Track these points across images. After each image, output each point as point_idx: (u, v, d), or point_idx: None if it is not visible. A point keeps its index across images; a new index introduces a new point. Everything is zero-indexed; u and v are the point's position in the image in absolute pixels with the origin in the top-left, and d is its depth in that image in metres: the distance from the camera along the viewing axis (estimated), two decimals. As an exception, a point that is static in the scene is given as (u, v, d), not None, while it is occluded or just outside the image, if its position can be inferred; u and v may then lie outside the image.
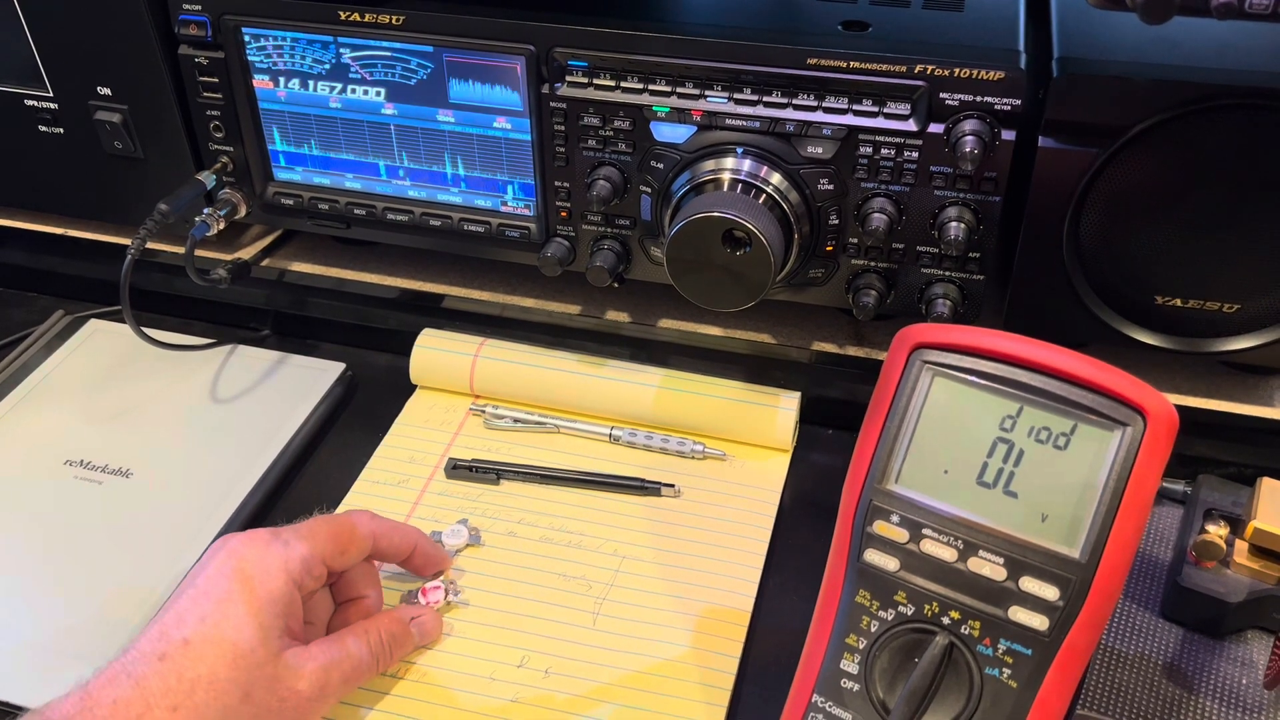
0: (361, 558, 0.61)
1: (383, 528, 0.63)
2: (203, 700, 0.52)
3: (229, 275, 0.81)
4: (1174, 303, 0.69)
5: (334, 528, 0.60)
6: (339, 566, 0.60)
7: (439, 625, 0.64)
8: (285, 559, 0.56)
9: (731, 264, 0.67)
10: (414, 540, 0.65)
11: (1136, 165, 0.65)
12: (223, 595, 0.54)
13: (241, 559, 0.55)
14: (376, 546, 0.62)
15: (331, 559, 0.59)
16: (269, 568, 0.55)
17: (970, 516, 0.49)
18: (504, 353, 0.80)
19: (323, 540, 0.58)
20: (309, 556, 0.57)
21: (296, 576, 0.56)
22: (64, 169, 0.86)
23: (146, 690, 0.51)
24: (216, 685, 0.52)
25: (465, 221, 0.78)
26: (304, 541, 0.57)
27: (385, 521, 0.63)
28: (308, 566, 0.57)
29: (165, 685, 0.51)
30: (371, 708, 0.61)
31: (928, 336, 0.51)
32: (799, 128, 0.68)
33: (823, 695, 0.52)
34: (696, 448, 0.76)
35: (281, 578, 0.55)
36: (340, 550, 0.59)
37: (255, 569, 0.55)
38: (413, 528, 0.66)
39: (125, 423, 0.79)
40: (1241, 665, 0.62)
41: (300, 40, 0.74)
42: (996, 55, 0.65)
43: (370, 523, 0.62)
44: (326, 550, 0.58)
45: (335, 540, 0.59)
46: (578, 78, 0.70)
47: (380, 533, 0.62)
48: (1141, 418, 0.47)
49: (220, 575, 0.55)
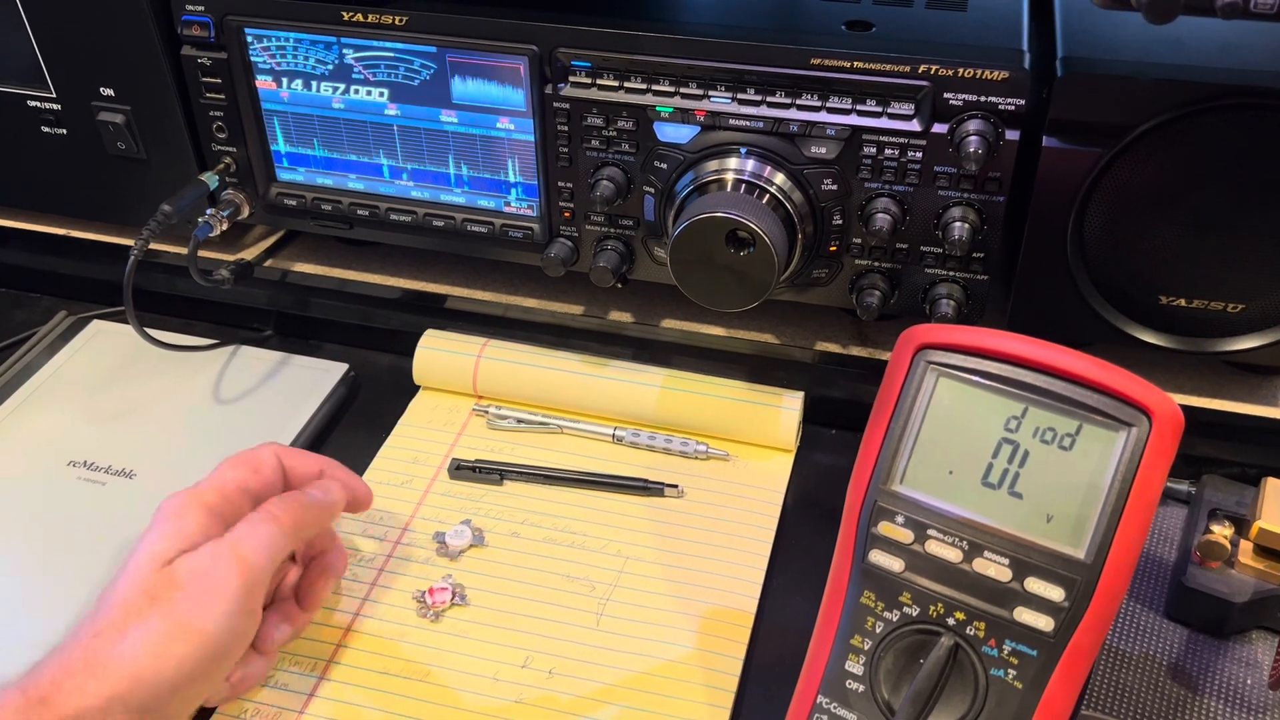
0: (274, 480, 0.61)
1: (286, 450, 0.63)
2: (116, 618, 0.53)
3: (232, 276, 0.81)
4: (1178, 302, 0.69)
5: (236, 459, 0.61)
6: (255, 487, 0.60)
7: (345, 558, 0.65)
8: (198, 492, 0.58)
9: (735, 264, 0.67)
10: (319, 464, 0.64)
11: (1141, 165, 0.65)
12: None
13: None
14: (287, 466, 0.62)
15: (245, 481, 0.60)
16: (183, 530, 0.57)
17: (975, 517, 0.49)
18: (507, 353, 0.80)
19: (229, 469, 0.60)
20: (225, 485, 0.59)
21: (212, 503, 0.58)
22: (67, 170, 0.86)
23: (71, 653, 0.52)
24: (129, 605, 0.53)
25: (468, 222, 0.78)
26: (211, 482, 0.59)
27: (290, 448, 0.64)
28: (225, 496, 0.59)
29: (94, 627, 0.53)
30: (374, 708, 0.61)
31: (932, 337, 0.51)
32: (803, 128, 0.68)
33: (828, 696, 0.52)
34: (700, 448, 0.76)
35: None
36: (253, 470, 0.60)
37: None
38: (319, 455, 0.66)
39: (128, 423, 0.79)
40: (1246, 665, 0.62)
41: (303, 41, 0.74)
42: (1000, 55, 0.65)
43: (273, 446, 0.63)
44: (235, 477, 0.60)
45: (239, 465, 0.60)
46: (581, 78, 0.70)
47: (283, 452, 0.63)
48: (1147, 418, 0.47)
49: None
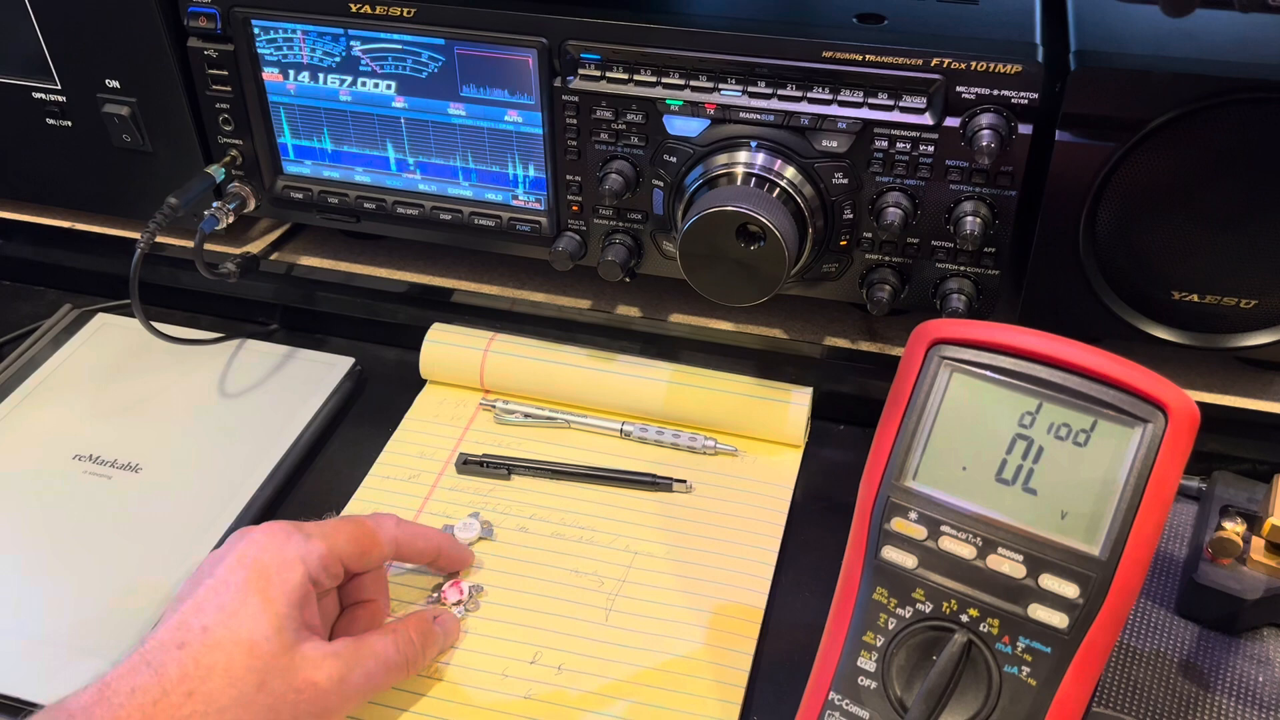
0: (381, 562, 0.61)
1: (406, 534, 0.62)
2: (218, 687, 0.52)
3: (238, 269, 0.81)
4: (1190, 298, 0.69)
5: (356, 530, 0.59)
6: (358, 568, 0.60)
7: (458, 623, 0.64)
8: (304, 554, 0.56)
9: (745, 259, 0.66)
10: (437, 545, 0.65)
11: (1154, 160, 0.64)
12: (240, 585, 0.54)
13: (261, 549, 0.55)
14: (399, 555, 0.62)
15: (351, 560, 0.59)
16: (287, 560, 0.55)
17: (989, 513, 0.49)
18: (514, 347, 0.79)
19: (343, 540, 0.58)
20: (327, 554, 0.57)
21: (314, 573, 0.56)
22: (72, 162, 0.85)
23: (164, 677, 0.51)
24: (232, 673, 0.52)
25: (476, 215, 0.78)
26: (324, 539, 0.57)
27: (410, 526, 0.63)
28: (325, 564, 0.57)
29: (182, 671, 0.51)
30: (385, 704, 0.61)
31: (946, 332, 0.50)
32: (814, 121, 0.67)
33: (840, 693, 0.52)
34: (708, 443, 0.75)
35: (299, 571, 0.55)
36: (360, 553, 0.59)
37: (273, 561, 0.55)
38: (437, 531, 0.66)
39: (134, 417, 0.78)
40: (1258, 663, 0.62)
41: (310, 33, 0.74)
42: (1013, 48, 0.64)
43: (395, 529, 0.62)
44: (346, 551, 0.58)
45: (356, 542, 0.59)
46: (590, 71, 0.70)
47: (404, 540, 0.62)
48: (1163, 414, 0.46)
49: (239, 566, 0.55)
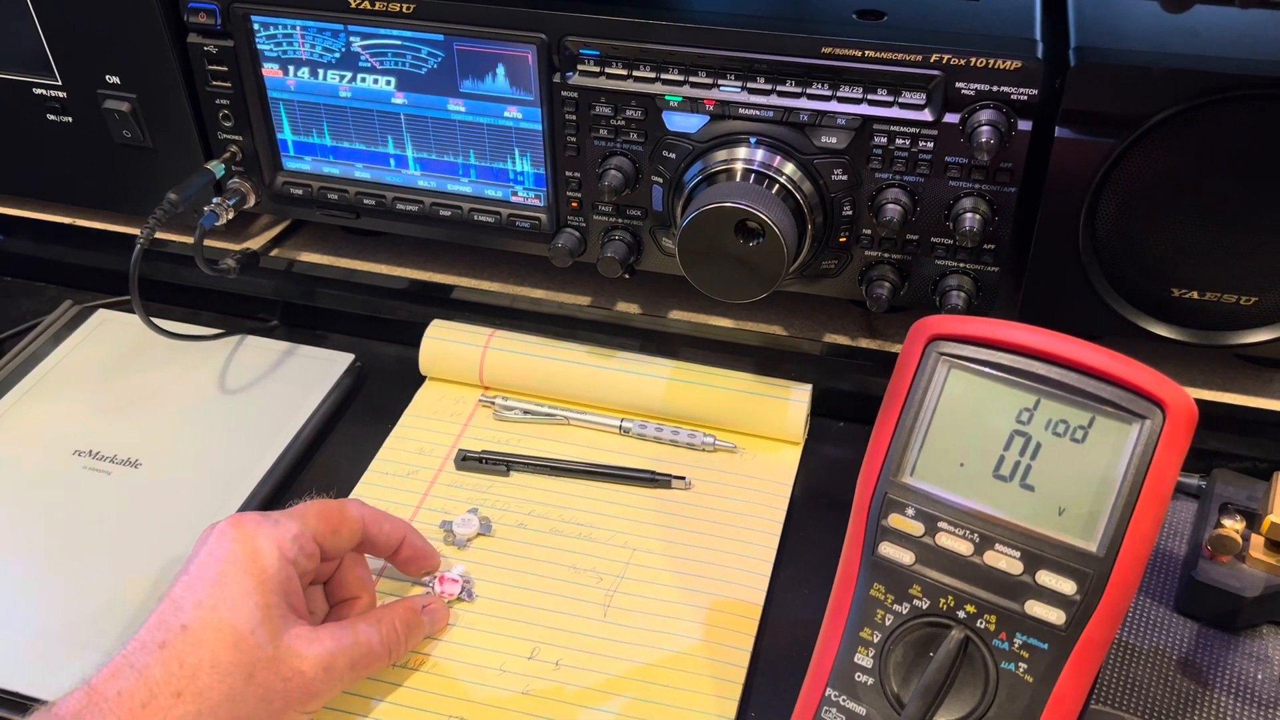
0: (353, 541, 0.61)
1: (371, 514, 0.62)
2: (206, 684, 0.51)
3: (238, 265, 0.81)
4: (1190, 295, 0.69)
5: (323, 508, 0.60)
6: (331, 546, 0.60)
7: (447, 613, 0.64)
8: (276, 536, 0.56)
9: (744, 255, 0.66)
10: (403, 532, 0.64)
11: (1154, 156, 0.64)
12: (217, 577, 0.54)
13: (233, 540, 0.55)
14: (366, 533, 0.62)
15: (324, 538, 0.59)
16: (260, 546, 0.55)
17: (986, 510, 0.49)
18: (514, 344, 0.79)
19: (312, 518, 0.59)
20: (300, 533, 0.57)
21: (290, 553, 0.56)
22: (72, 158, 0.85)
23: (150, 679, 0.51)
24: (219, 668, 0.52)
25: (475, 212, 0.78)
26: (294, 520, 0.58)
27: (375, 510, 0.63)
28: (300, 543, 0.57)
29: (168, 672, 0.51)
30: (383, 699, 0.61)
31: (944, 328, 0.50)
32: (813, 117, 0.67)
33: (837, 689, 0.52)
34: (707, 440, 0.75)
35: (275, 554, 0.55)
36: (331, 530, 0.59)
37: (246, 548, 0.55)
38: (403, 520, 0.65)
39: (134, 413, 0.78)
40: (1257, 660, 0.62)
41: (310, 28, 0.74)
42: (1013, 44, 0.64)
43: (360, 508, 0.62)
44: (317, 528, 0.58)
45: (325, 519, 0.59)
46: (589, 67, 0.70)
47: (369, 519, 0.62)
48: (1161, 411, 0.46)
49: (213, 558, 0.55)
